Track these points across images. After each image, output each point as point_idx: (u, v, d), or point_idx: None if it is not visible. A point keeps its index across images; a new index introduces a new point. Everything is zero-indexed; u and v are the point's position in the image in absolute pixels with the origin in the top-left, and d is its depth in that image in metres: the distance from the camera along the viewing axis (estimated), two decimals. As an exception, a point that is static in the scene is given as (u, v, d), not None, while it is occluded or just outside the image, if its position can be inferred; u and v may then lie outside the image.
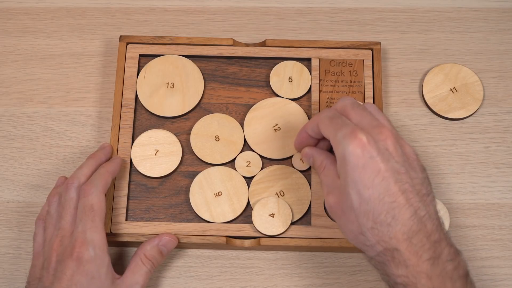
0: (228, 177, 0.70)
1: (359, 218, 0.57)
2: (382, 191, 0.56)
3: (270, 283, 0.70)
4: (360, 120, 0.60)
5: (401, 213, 0.56)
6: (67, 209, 0.64)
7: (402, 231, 0.56)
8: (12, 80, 0.76)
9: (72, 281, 0.60)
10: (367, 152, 0.57)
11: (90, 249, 0.61)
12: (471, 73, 0.75)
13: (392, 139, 0.58)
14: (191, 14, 0.79)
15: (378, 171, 0.56)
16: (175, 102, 0.73)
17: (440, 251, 0.55)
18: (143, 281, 0.64)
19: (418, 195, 0.57)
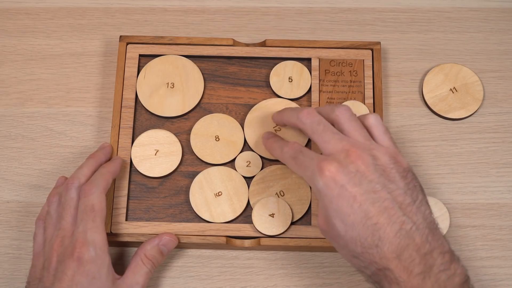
0: (228, 177, 0.70)
1: (348, 245, 0.57)
2: (363, 215, 0.56)
3: (270, 283, 0.70)
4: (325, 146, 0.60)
5: (386, 232, 0.56)
6: (67, 209, 0.64)
7: (390, 250, 0.55)
8: (12, 80, 0.76)
9: (73, 282, 0.60)
10: (338, 181, 0.57)
11: (91, 249, 0.61)
12: (471, 73, 0.75)
13: (361, 158, 0.58)
14: (191, 14, 0.79)
15: (354, 198, 0.56)
16: (175, 102, 0.73)
17: (431, 263, 0.55)
18: (143, 281, 0.64)
19: (400, 209, 0.57)
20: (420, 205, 0.58)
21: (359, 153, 0.58)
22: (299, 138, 0.71)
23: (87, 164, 0.67)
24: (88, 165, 0.67)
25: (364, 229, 0.56)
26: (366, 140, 0.60)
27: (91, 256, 0.61)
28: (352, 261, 0.58)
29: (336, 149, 0.59)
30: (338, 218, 0.57)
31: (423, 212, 0.57)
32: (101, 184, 0.65)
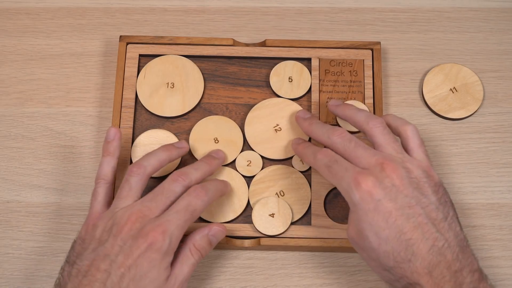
0: (228, 177, 0.70)
1: (380, 258, 0.58)
2: (398, 230, 0.57)
3: (270, 283, 0.70)
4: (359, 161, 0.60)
5: (419, 248, 0.57)
6: (165, 199, 0.62)
7: (422, 266, 0.56)
8: (12, 80, 0.76)
9: (136, 262, 0.59)
10: (375, 195, 0.58)
11: (167, 241, 0.59)
12: (471, 73, 0.75)
13: (396, 171, 0.59)
14: (191, 14, 0.79)
15: (390, 213, 0.57)
16: (175, 102, 0.73)
17: (461, 281, 0.56)
18: (188, 273, 0.62)
19: (433, 225, 0.58)
20: (451, 222, 0.59)
21: (394, 166, 0.59)
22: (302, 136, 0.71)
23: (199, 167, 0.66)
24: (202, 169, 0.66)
25: (398, 244, 0.57)
26: (398, 153, 0.61)
27: (163, 247, 0.59)
28: (382, 273, 0.59)
29: (370, 163, 0.59)
30: (372, 231, 0.58)
31: (454, 229, 0.58)
32: (211, 195, 0.63)
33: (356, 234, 0.60)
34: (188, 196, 0.62)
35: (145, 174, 0.64)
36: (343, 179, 0.59)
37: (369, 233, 0.58)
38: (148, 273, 0.59)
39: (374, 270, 0.60)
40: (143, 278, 0.59)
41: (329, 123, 0.71)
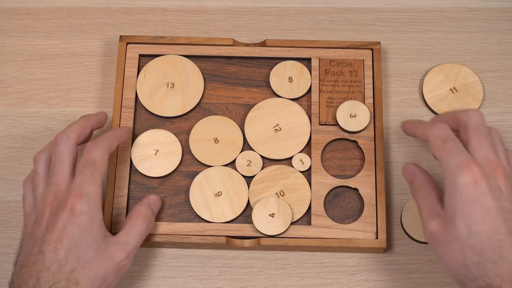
0: (228, 177, 0.70)
1: (464, 251, 0.57)
2: (492, 228, 0.56)
3: (270, 283, 0.70)
4: (477, 149, 0.59)
5: (509, 253, 0.55)
6: (58, 165, 0.63)
7: (508, 271, 0.55)
8: (12, 80, 0.76)
9: (64, 232, 0.59)
10: (480, 187, 0.56)
11: (85, 202, 0.60)
12: (471, 73, 0.75)
13: (504, 177, 0.58)
14: (191, 14, 0.79)
15: (489, 209, 0.56)
16: (175, 102, 0.73)
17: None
18: (136, 242, 0.63)
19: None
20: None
21: (504, 173, 0.58)
22: (302, 136, 0.71)
23: (77, 122, 0.67)
24: (78, 123, 0.67)
25: (488, 241, 0.56)
26: (507, 164, 0.61)
27: (84, 208, 0.60)
28: (460, 269, 0.57)
29: (486, 158, 0.59)
30: (465, 221, 0.56)
31: None
32: (105, 144, 0.64)
33: (439, 226, 0.58)
34: (85, 154, 0.63)
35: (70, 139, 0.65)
36: (455, 158, 0.58)
37: (461, 223, 0.57)
38: (81, 238, 0.60)
39: (449, 265, 0.58)
40: (78, 245, 0.60)
41: (329, 123, 0.72)
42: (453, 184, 0.57)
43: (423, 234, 0.61)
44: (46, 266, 0.58)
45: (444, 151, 0.59)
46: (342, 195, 0.70)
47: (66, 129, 0.66)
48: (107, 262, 0.61)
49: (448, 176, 0.58)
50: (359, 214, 0.69)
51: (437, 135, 0.60)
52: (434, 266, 0.70)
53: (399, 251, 0.70)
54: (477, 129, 0.61)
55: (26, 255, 0.60)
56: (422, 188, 0.62)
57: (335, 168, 0.71)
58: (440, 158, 0.59)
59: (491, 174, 0.58)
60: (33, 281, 0.58)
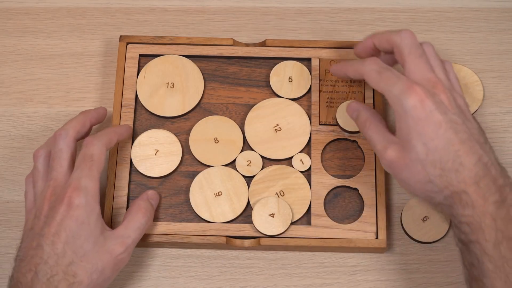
0: (228, 177, 0.70)
1: (426, 168, 0.59)
2: (447, 141, 0.59)
3: (270, 283, 0.70)
4: (414, 71, 0.62)
5: (467, 160, 0.58)
6: (57, 160, 0.64)
7: (469, 176, 0.58)
8: (12, 80, 0.76)
9: (62, 226, 0.60)
10: (427, 105, 0.59)
11: (82, 196, 0.61)
12: (471, 73, 0.75)
13: (446, 93, 0.61)
14: (191, 14, 0.79)
15: (440, 124, 0.59)
16: (175, 102, 0.73)
17: (505, 195, 0.57)
18: (134, 236, 0.64)
19: (478, 143, 0.60)
20: (491, 148, 0.61)
21: (444, 88, 0.61)
22: (302, 136, 0.71)
23: (76, 118, 0.68)
24: (78, 119, 0.67)
25: (446, 154, 0.58)
26: (447, 80, 0.63)
27: (81, 202, 0.61)
28: (425, 186, 0.60)
29: (424, 78, 0.61)
30: (421, 141, 0.59)
31: (493, 153, 0.61)
32: (103, 139, 0.65)
33: (396, 153, 0.60)
34: (83, 148, 0.64)
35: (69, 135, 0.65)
36: (396, 84, 0.60)
37: (417, 143, 0.59)
38: (79, 231, 0.60)
39: (414, 186, 0.61)
40: (76, 238, 0.60)
41: (329, 123, 0.72)
42: (402, 109, 0.59)
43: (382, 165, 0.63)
44: (44, 260, 0.59)
45: (383, 82, 0.61)
46: (342, 195, 0.70)
47: (65, 125, 0.66)
48: (105, 255, 0.61)
49: (395, 103, 0.60)
50: (359, 214, 0.69)
51: (371, 69, 0.63)
52: (434, 266, 0.70)
53: (399, 251, 0.70)
54: (411, 51, 0.63)
55: (25, 249, 0.61)
56: (369, 121, 0.65)
57: (335, 168, 0.71)
58: (381, 89, 0.62)
59: (433, 91, 0.60)
60: (32, 274, 0.59)
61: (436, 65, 0.64)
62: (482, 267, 0.57)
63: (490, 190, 0.57)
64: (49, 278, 0.59)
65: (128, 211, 0.66)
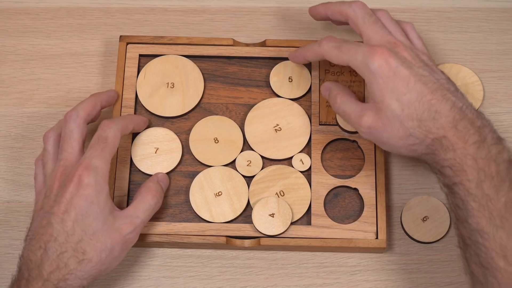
0: (228, 177, 0.70)
1: (404, 122, 0.61)
2: (418, 93, 0.60)
3: (270, 283, 0.70)
4: (372, 37, 0.64)
5: (442, 106, 0.60)
6: (67, 141, 0.65)
7: (447, 121, 0.59)
8: (12, 80, 0.76)
9: (71, 204, 0.61)
10: (392, 62, 0.61)
11: (92, 175, 0.62)
12: (471, 73, 0.75)
13: (407, 51, 0.63)
14: (191, 14, 0.79)
15: (408, 78, 0.61)
16: (175, 102, 0.73)
17: (484, 135, 0.59)
18: (144, 216, 0.64)
19: (449, 92, 0.61)
20: (463, 94, 0.63)
21: (404, 47, 0.63)
22: (302, 136, 0.71)
23: (87, 100, 0.68)
24: (89, 101, 0.68)
25: (420, 105, 0.60)
26: (407, 41, 0.65)
27: (90, 181, 0.61)
28: (407, 140, 0.61)
29: (383, 41, 0.63)
30: (394, 98, 0.60)
31: (467, 98, 0.62)
32: (120, 124, 0.66)
33: (372, 117, 0.62)
34: (99, 130, 0.65)
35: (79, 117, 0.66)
36: (357, 52, 0.62)
37: (391, 100, 0.60)
38: (88, 210, 0.61)
39: (396, 145, 0.62)
40: (85, 217, 0.61)
41: (329, 123, 0.72)
42: (369, 72, 0.61)
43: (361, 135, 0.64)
44: (54, 237, 0.60)
45: (345, 54, 0.63)
46: (342, 195, 0.70)
47: (76, 107, 0.67)
48: (114, 234, 0.62)
49: (361, 69, 0.62)
50: (359, 214, 0.69)
51: (329, 47, 0.65)
52: (434, 266, 0.70)
53: (399, 251, 0.70)
54: (364, 19, 0.65)
55: (35, 228, 0.62)
56: (339, 96, 0.66)
57: (335, 168, 0.71)
58: (346, 61, 0.63)
59: (395, 50, 0.62)
60: (41, 251, 0.60)
61: (393, 28, 0.65)
62: (467, 207, 0.58)
63: (469, 132, 0.59)
64: (59, 255, 0.60)
65: (138, 192, 0.66)
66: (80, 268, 0.60)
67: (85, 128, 0.66)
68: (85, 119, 0.66)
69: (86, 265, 0.60)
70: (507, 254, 0.55)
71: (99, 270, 0.62)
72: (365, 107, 0.63)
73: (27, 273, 0.60)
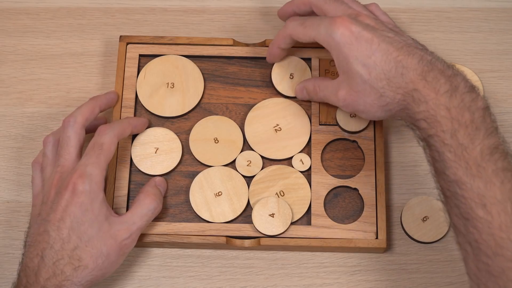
0: (228, 177, 0.70)
1: (373, 85, 0.61)
2: (383, 53, 0.60)
3: (270, 283, 0.70)
4: (334, 13, 0.64)
5: (409, 61, 0.60)
6: (65, 147, 0.65)
7: (415, 74, 0.59)
8: (12, 80, 0.76)
9: (66, 212, 0.61)
10: (354, 28, 0.61)
11: (86, 182, 0.62)
12: (471, 73, 0.75)
13: (369, 18, 0.63)
14: (191, 14, 0.79)
15: (372, 39, 0.61)
16: (175, 102, 0.73)
17: (456, 84, 0.58)
18: (141, 222, 0.65)
19: (416, 48, 0.61)
20: (432, 52, 0.62)
21: (367, 16, 0.63)
22: (302, 136, 0.71)
23: (85, 104, 0.68)
24: (87, 105, 0.68)
25: (386, 64, 0.60)
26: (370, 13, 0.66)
27: (85, 189, 0.62)
28: (380, 101, 0.61)
29: (345, 14, 0.63)
30: (360, 63, 0.61)
31: (437, 54, 0.62)
32: (117, 129, 0.66)
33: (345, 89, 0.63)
34: (95, 136, 0.65)
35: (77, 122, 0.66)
36: (320, 26, 0.62)
37: (357, 66, 0.61)
38: (83, 217, 0.62)
39: (373, 110, 0.62)
40: (80, 224, 0.62)
41: (329, 123, 0.71)
42: (334, 41, 0.62)
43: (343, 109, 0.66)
44: (50, 244, 0.61)
45: (309, 29, 0.64)
46: (342, 195, 0.70)
47: (74, 112, 0.67)
48: (109, 241, 0.62)
49: (326, 41, 0.62)
50: (359, 214, 0.69)
51: (294, 26, 0.66)
52: (434, 266, 0.70)
53: (399, 251, 0.70)
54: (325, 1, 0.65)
55: (33, 235, 0.62)
56: (316, 85, 0.68)
57: (335, 168, 0.71)
58: (311, 36, 0.64)
59: (357, 19, 0.62)
60: (38, 258, 0.61)
61: (357, 6, 0.66)
62: (443, 158, 0.57)
63: (439, 82, 0.58)
64: (55, 262, 0.61)
65: (137, 197, 0.67)
66: (76, 275, 0.61)
67: (82, 133, 0.66)
68: (82, 125, 0.66)
69: (82, 271, 0.61)
70: (485, 202, 0.55)
71: (96, 276, 0.62)
72: (338, 81, 0.64)
73: (25, 280, 0.61)
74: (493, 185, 0.55)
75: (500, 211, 0.54)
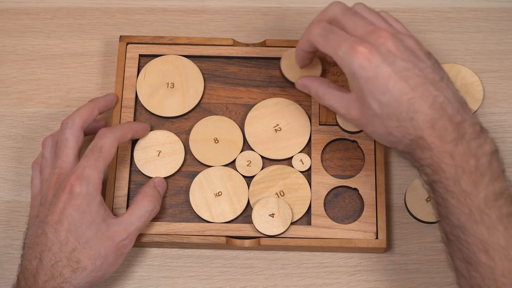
0: (228, 177, 0.70)
1: (384, 122, 0.60)
2: (398, 92, 0.59)
3: (270, 283, 0.70)
4: (354, 29, 0.62)
5: (421, 105, 0.59)
6: (63, 149, 0.65)
7: (424, 121, 0.58)
8: (12, 80, 0.76)
9: (64, 214, 0.62)
10: (373, 62, 0.59)
11: (84, 184, 0.62)
12: (471, 73, 0.75)
13: (390, 39, 0.60)
14: (191, 14, 0.79)
15: (389, 77, 0.59)
16: (175, 102, 0.73)
17: (463, 132, 0.58)
18: (138, 223, 0.65)
19: (432, 84, 0.59)
20: (448, 82, 0.61)
21: (387, 34, 0.61)
22: (302, 136, 0.71)
23: (84, 106, 0.68)
24: (86, 107, 0.68)
25: (399, 105, 0.59)
26: (388, 26, 0.63)
27: (82, 191, 0.62)
28: (387, 138, 0.61)
29: (366, 31, 0.61)
30: (374, 98, 0.60)
31: (452, 88, 0.61)
32: (117, 133, 0.66)
33: (357, 111, 0.62)
34: (95, 139, 0.65)
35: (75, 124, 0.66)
36: (340, 46, 0.61)
37: (371, 100, 0.60)
38: (80, 219, 0.62)
39: (379, 138, 0.62)
40: (78, 226, 0.62)
41: (329, 123, 0.71)
42: (350, 70, 0.60)
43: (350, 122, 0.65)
44: (48, 247, 0.61)
45: (329, 45, 0.62)
46: (342, 195, 0.70)
47: (73, 114, 0.67)
48: (107, 242, 0.63)
49: (342, 65, 0.61)
50: (359, 214, 0.69)
51: (316, 34, 0.63)
52: (434, 266, 0.70)
53: (399, 251, 0.70)
54: (344, 14, 0.63)
55: (31, 237, 0.63)
56: (321, 91, 0.66)
57: (335, 168, 0.71)
58: (327, 51, 0.62)
59: (377, 42, 0.60)
60: (36, 261, 0.61)
61: (373, 18, 0.64)
62: (447, 204, 0.57)
63: (447, 130, 0.58)
64: (53, 264, 0.61)
65: (134, 198, 0.67)
66: (74, 277, 0.61)
67: (81, 135, 0.66)
68: (81, 127, 0.66)
69: (80, 273, 0.61)
70: (488, 248, 0.55)
71: (95, 277, 0.62)
72: (350, 99, 0.63)
73: (23, 282, 0.61)
74: (497, 231, 0.55)
75: (503, 257, 0.55)
